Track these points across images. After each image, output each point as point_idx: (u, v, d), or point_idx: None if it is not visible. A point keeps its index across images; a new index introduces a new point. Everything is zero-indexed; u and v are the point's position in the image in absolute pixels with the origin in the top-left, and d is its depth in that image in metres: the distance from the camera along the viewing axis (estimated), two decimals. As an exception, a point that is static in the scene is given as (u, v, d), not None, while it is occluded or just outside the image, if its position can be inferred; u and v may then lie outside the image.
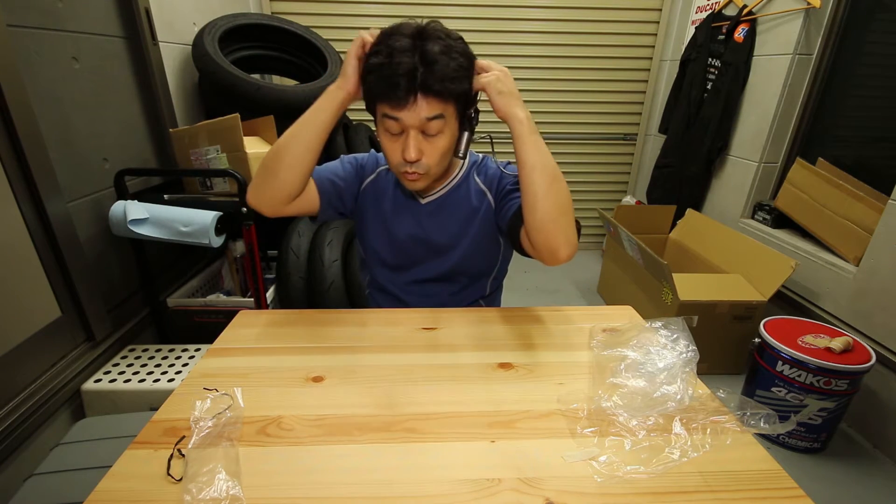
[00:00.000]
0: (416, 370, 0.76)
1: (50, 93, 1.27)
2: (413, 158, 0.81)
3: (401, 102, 0.76)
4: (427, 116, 0.78)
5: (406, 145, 0.80)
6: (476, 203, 0.97)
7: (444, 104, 0.79)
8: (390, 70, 0.74)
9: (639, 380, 0.68)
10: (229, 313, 1.04)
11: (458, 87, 0.78)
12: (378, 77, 0.76)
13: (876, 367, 1.47)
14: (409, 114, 0.78)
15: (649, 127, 3.05)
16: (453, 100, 0.80)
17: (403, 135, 0.81)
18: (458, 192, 0.97)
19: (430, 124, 0.79)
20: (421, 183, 0.87)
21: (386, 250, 1.01)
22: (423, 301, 1.02)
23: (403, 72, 0.74)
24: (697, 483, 0.56)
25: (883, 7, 1.79)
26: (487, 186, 0.98)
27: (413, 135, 0.80)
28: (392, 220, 0.98)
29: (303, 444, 0.61)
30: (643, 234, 2.30)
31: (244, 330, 0.89)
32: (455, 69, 0.77)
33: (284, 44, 2.15)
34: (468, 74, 0.80)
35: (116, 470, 0.57)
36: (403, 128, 0.80)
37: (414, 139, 0.80)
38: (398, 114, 0.78)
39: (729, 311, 1.81)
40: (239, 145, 1.46)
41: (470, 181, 0.98)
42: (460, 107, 0.83)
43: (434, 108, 0.78)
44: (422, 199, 0.97)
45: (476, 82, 0.82)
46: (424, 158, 0.82)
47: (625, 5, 2.76)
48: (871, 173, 1.82)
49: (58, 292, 1.27)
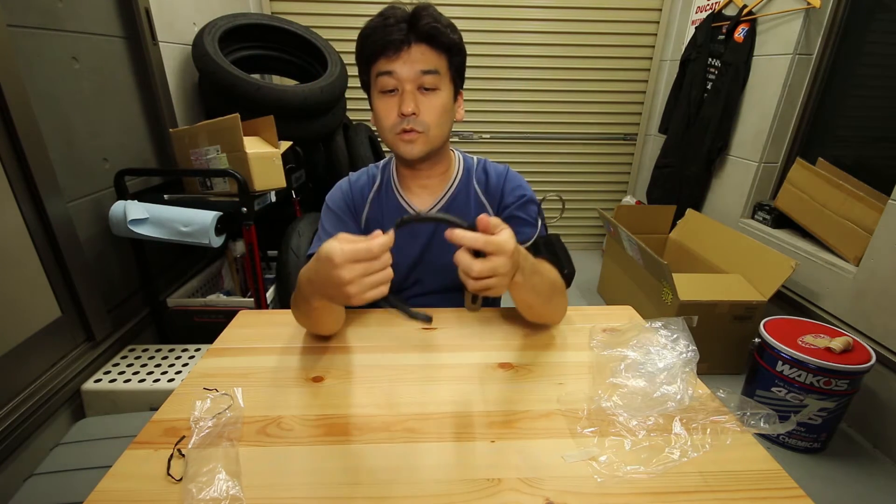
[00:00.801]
0: (416, 370, 0.76)
1: (50, 93, 1.27)
2: (409, 111, 0.78)
3: (396, 51, 0.76)
4: (422, 69, 0.77)
5: (402, 99, 0.78)
6: (477, 211, 0.92)
7: (437, 57, 0.79)
8: (383, 23, 0.76)
9: (639, 380, 0.68)
10: (229, 313, 1.04)
11: (451, 38, 0.78)
12: (372, 33, 0.77)
13: (876, 367, 1.47)
14: (404, 65, 0.77)
15: (649, 127, 3.05)
16: (446, 53, 0.79)
17: (398, 92, 0.79)
18: (456, 203, 0.93)
19: (425, 78, 0.78)
20: (419, 147, 0.82)
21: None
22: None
23: (396, 20, 0.75)
24: (697, 483, 0.56)
25: (883, 7, 1.79)
26: (489, 200, 0.94)
27: (409, 89, 0.78)
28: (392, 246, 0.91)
29: (303, 444, 0.61)
30: (643, 234, 2.30)
31: (244, 330, 0.89)
32: (447, 23, 0.78)
33: (284, 44, 2.15)
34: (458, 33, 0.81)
35: (116, 470, 0.57)
36: (399, 83, 0.78)
37: (410, 93, 0.78)
38: (392, 65, 0.77)
39: (729, 311, 1.81)
40: (239, 145, 1.46)
41: (470, 190, 0.94)
42: (453, 68, 0.82)
43: (429, 61, 0.78)
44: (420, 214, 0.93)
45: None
46: (422, 115, 0.80)
47: (625, 5, 2.76)
48: (871, 173, 1.82)
49: (58, 292, 1.27)
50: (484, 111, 2.96)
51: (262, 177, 1.51)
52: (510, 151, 3.08)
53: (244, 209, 1.46)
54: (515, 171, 0.97)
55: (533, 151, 3.09)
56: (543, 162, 3.12)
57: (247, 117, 1.54)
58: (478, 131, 3.02)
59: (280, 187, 1.60)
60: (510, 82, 2.90)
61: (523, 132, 3.04)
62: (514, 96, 2.94)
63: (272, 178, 1.56)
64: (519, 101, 2.95)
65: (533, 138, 3.05)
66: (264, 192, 1.58)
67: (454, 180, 0.94)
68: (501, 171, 0.95)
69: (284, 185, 1.60)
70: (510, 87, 2.91)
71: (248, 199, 1.46)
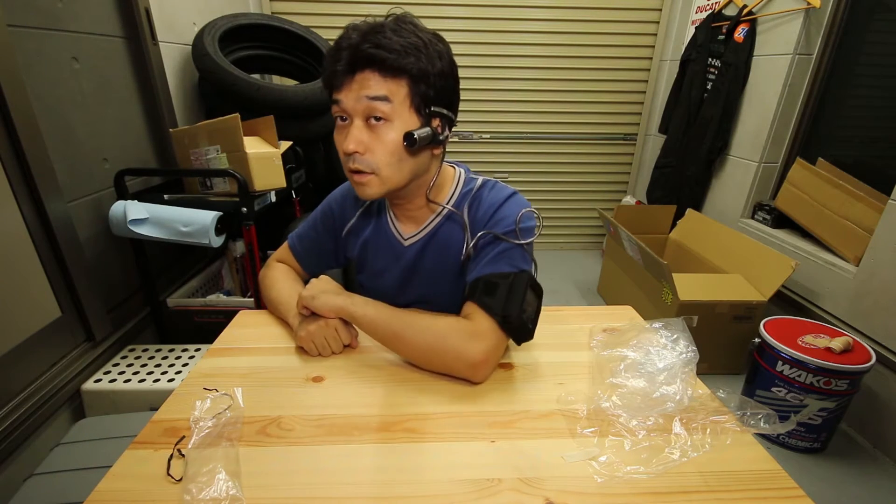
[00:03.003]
0: (416, 370, 0.76)
1: (50, 93, 1.27)
2: (350, 149, 0.69)
3: (340, 79, 0.68)
4: (368, 95, 0.67)
5: (348, 134, 0.69)
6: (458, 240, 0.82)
7: (388, 83, 0.67)
8: (335, 48, 0.68)
9: (639, 380, 0.68)
10: (229, 313, 1.04)
11: (406, 63, 0.66)
12: (327, 60, 0.70)
13: (876, 367, 1.47)
14: (349, 94, 0.68)
15: (649, 127, 3.05)
16: (404, 79, 0.68)
17: (349, 123, 0.71)
18: (442, 231, 0.83)
19: (373, 106, 0.67)
20: (372, 189, 0.73)
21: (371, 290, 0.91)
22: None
23: (345, 45, 0.67)
24: (697, 483, 0.56)
25: (883, 7, 1.79)
26: (470, 224, 0.80)
27: (356, 123, 0.69)
28: (374, 266, 0.89)
29: (303, 444, 0.61)
30: (643, 234, 2.30)
31: (244, 330, 0.89)
32: (404, 45, 0.66)
33: (284, 44, 2.15)
34: (427, 55, 0.68)
35: (116, 470, 0.57)
36: (347, 114, 0.70)
37: (355, 127, 0.69)
38: (339, 95, 0.69)
39: (729, 311, 1.81)
40: (239, 145, 1.46)
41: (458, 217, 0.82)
42: (416, 96, 0.70)
43: (377, 87, 0.67)
44: (404, 242, 0.85)
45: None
46: (369, 154, 0.70)
47: (625, 5, 2.76)
48: (871, 173, 1.82)
49: (58, 292, 1.27)
50: (484, 111, 2.96)
51: (262, 177, 1.51)
52: (510, 151, 3.08)
53: (244, 209, 1.46)
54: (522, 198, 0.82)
55: (533, 151, 3.09)
56: (544, 162, 3.12)
57: (247, 117, 1.54)
58: (478, 131, 3.02)
59: (280, 187, 1.60)
60: (510, 82, 2.90)
61: (523, 132, 3.04)
62: (514, 96, 2.94)
63: (272, 178, 1.56)
64: (519, 101, 2.95)
65: (533, 138, 3.05)
66: (264, 192, 1.58)
67: (439, 214, 0.83)
68: (498, 199, 0.80)
69: (284, 185, 1.60)
70: (510, 87, 2.91)
71: (248, 199, 1.46)
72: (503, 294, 0.71)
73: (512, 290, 0.71)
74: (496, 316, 0.70)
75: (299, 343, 0.78)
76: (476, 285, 0.74)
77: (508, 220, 0.77)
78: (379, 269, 0.89)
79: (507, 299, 0.70)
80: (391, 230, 0.87)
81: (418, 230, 0.85)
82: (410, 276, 0.87)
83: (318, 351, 0.77)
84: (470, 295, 0.74)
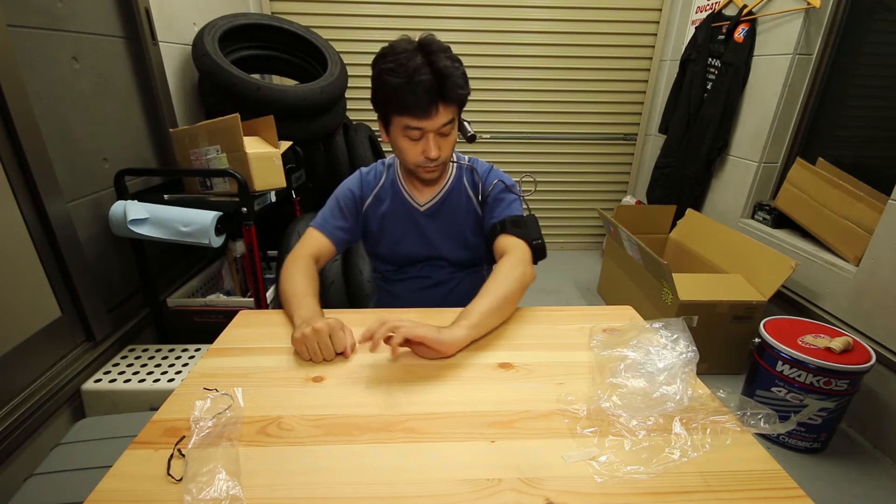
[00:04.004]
0: (416, 370, 0.76)
1: (50, 93, 1.27)
2: (436, 156, 0.94)
3: (424, 114, 0.88)
4: (444, 122, 0.91)
5: (428, 147, 0.93)
6: (466, 204, 1.09)
7: (454, 109, 0.93)
8: (412, 87, 0.85)
9: (639, 380, 0.68)
10: (229, 313, 1.04)
11: (466, 93, 0.92)
12: (400, 95, 0.87)
13: (876, 367, 1.47)
14: (431, 122, 0.90)
15: (649, 127, 3.05)
16: (458, 105, 0.93)
17: (423, 138, 0.93)
18: (451, 196, 1.08)
19: (444, 128, 0.92)
20: (437, 173, 1.00)
21: (390, 257, 1.13)
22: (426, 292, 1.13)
23: (425, 89, 0.86)
24: (697, 483, 0.56)
25: (883, 7, 1.79)
26: (474, 192, 1.09)
27: (433, 137, 0.92)
28: (394, 230, 1.09)
29: (303, 444, 0.61)
30: (643, 234, 2.30)
31: (244, 330, 0.89)
32: (461, 76, 0.90)
33: (284, 44, 2.15)
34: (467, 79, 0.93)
35: (116, 470, 0.57)
36: (423, 133, 0.92)
37: (434, 140, 0.93)
38: (421, 124, 0.90)
39: (729, 311, 1.81)
40: (239, 145, 1.46)
41: (461, 185, 1.09)
42: (461, 106, 0.96)
43: (449, 115, 0.92)
44: (420, 206, 1.08)
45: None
46: (441, 153, 0.95)
47: (625, 5, 2.76)
48: (871, 173, 1.82)
49: (58, 292, 1.27)
50: (484, 111, 2.96)
51: (262, 177, 1.51)
52: (510, 151, 3.08)
53: (244, 209, 1.46)
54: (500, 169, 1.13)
55: (533, 151, 3.09)
56: (544, 162, 3.12)
57: (247, 117, 1.54)
58: (478, 131, 3.02)
59: (280, 187, 1.60)
60: (510, 82, 2.90)
61: (523, 132, 3.04)
62: (514, 96, 2.94)
63: (272, 178, 1.56)
64: (519, 102, 2.95)
65: (533, 138, 3.05)
66: (264, 192, 1.58)
67: (449, 179, 1.09)
68: (486, 168, 1.11)
69: (284, 185, 1.60)
70: (510, 87, 2.91)
71: (248, 199, 1.46)
72: (526, 226, 1.02)
73: (529, 225, 1.02)
74: (527, 239, 1.00)
75: (293, 344, 0.80)
76: (504, 223, 1.01)
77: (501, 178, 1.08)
78: (398, 236, 1.10)
79: (531, 229, 1.02)
80: (408, 200, 1.08)
81: (432, 196, 1.08)
82: (426, 237, 1.08)
83: (309, 356, 0.78)
84: (502, 230, 1.01)
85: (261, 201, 1.56)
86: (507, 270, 0.92)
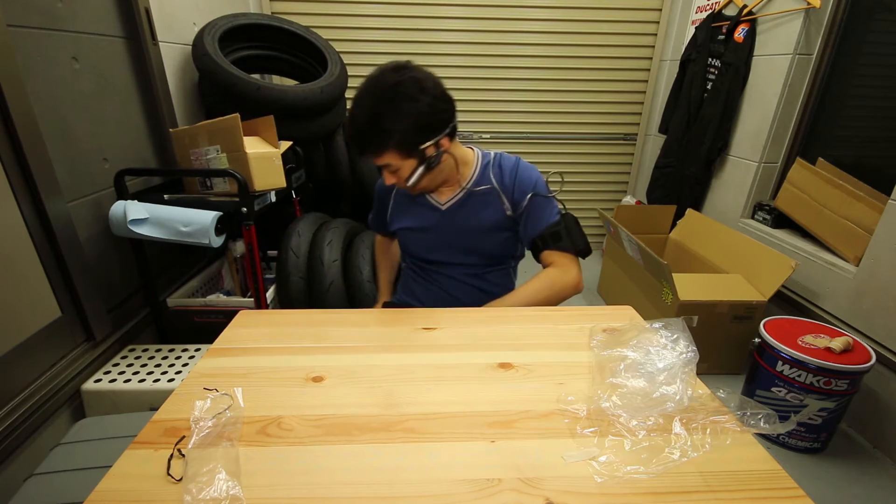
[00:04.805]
0: (416, 370, 0.76)
1: (50, 93, 1.27)
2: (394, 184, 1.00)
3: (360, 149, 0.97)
4: (378, 165, 0.97)
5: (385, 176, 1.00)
6: (493, 202, 1.09)
7: (386, 156, 0.94)
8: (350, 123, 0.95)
9: (639, 380, 0.68)
10: (229, 313, 1.04)
11: (394, 143, 0.92)
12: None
13: (876, 367, 1.47)
14: (370, 160, 0.98)
15: (649, 127, 3.05)
16: (392, 150, 0.94)
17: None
18: (472, 197, 1.09)
19: (390, 166, 0.97)
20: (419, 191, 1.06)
21: (414, 249, 1.18)
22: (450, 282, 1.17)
23: (351, 136, 0.96)
24: (697, 483, 0.56)
25: (883, 7, 1.79)
26: (503, 190, 1.08)
27: (385, 170, 0.99)
28: (416, 225, 1.14)
29: (303, 444, 0.61)
30: (643, 234, 2.30)
31: (244, 330, 0.89)
32: (390, 132, 0.91)
33: (284, 44, 2.15)
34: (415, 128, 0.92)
35: (116, 470, 0.57)
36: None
37: (387, 174, 0.99)
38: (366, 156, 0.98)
39: (729, 311, 1.81)
40: (239, 145, 1.46)
41: (487, 182, 1.09)
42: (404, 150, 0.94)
43: (380, 159, 0.96)
44: (442, 206, 1.11)
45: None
46: (401, 182, 0.99)
47: (625, 5, 2.76)
48: (871, 173, 1.82)
49: (58, 292, 1.27)
50: (484, 111, 2.96)
51: (262, 177, 1.51)
52: (510, 151, 3.07)
53: (244, 209, 1.46)
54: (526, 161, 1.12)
55: (533, 151, 3.09)
56: (544, 162, 3.11)
57: (247, 117, 1.54)
58: (478, 131, 3.02)
59: (280, 187, 1.60)
60: (510, 82, 2.90)
61: (523, 132, 3.04)
62: (514, 96, 2.93)
63: (272, 178, 1.56)
64: (519, 101, 2.95)
65: (533, 138, 3.05)
66: (264, 192, 1.58)
67: (472, 176, 1.10)
68: (513, 164, 1.10)
69: (284, 185, 1.60)
70: (510, 87, 2.91)
71: (248, 199, 1.46)
72: (566, 236, 1.05)
73: (568, 231, 1.06)
74: (571, 251, 1.05)
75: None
76: (544, 238, 1.06)
77: (532, 180, 1.08)
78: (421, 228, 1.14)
79: (570, 237, 1.05)
80: (427, 200, 1.12)
81: (453, 195, 1.10)
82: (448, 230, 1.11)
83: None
84: (544, 246, 1.06)
85: (261, 201, 1.56)
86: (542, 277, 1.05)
